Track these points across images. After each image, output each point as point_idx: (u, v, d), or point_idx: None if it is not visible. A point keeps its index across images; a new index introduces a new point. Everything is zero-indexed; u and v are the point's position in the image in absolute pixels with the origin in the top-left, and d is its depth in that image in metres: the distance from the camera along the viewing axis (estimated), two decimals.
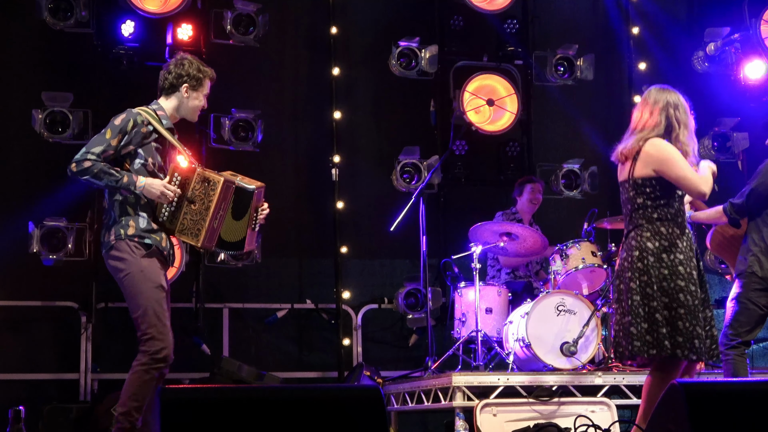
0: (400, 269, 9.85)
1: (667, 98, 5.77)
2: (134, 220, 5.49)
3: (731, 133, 10.47)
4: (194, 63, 5.85)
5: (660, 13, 11.01)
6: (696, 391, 3.53)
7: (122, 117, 5.54)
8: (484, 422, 7.19)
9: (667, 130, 5.70)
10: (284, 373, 9.15)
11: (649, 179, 5.66)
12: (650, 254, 5.58)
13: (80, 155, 5.42)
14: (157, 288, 5.48)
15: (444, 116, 10.05)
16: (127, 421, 5.31)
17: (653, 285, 5.55)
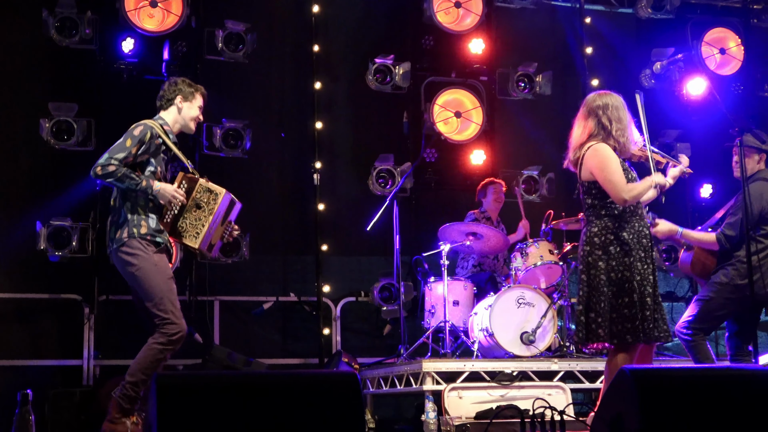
0: (375, 265, 9.84)
1: (596, 102, 5.71)
2: (145, 221, 5.61)
3: (675, 143, 10.51)
4: (186, 81, 6.02)
5: (611, 35, 11.05)
6: (643, 375, 3.53)
7: (140, 129, 5.65)
8: (451, 404, 7.20)
9: (603, 131, 5.64)
10: (270, 360, 9.15)
11: (592, 182, 5.65)
12: (597, 248, 5.56)
13: (104, 160, 5.52)
14: (170, 279, 5.64)
15: (416, 127, 10.05)
16: (132, 390, 5.45)
17: (601, 276, 5.52)
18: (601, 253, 5.56)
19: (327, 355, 9.34)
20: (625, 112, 5.70)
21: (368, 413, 8.47)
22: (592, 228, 5.65)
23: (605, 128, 5.63)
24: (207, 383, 3.34)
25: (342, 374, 3.46)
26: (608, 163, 5.53)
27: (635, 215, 5.63)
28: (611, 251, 5.54)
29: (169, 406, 3.18)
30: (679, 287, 10.72)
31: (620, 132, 5.62)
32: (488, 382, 7.47)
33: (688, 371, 3.74)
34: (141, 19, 9.14)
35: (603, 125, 5.64)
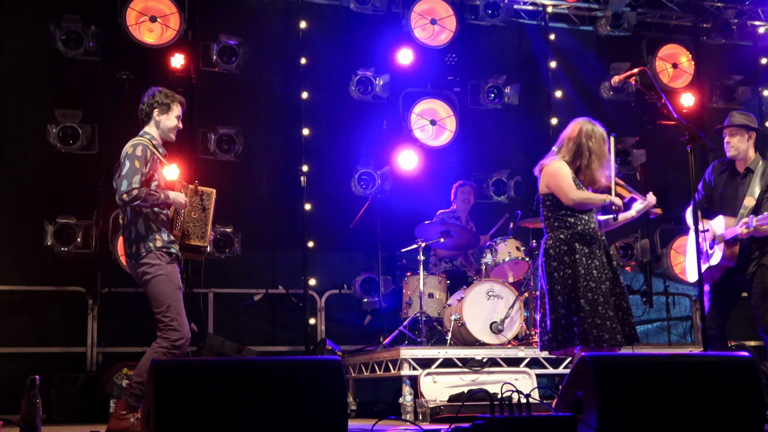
0: (357, 261, 9.84)
1: (586, 128, 5.68)
2: (159, 235, 5.60)
3: (631, 150, 10.56)
4: (162, 92, 5.85)
5: (573, 50, 11.10)
6: (602, 362, 3.55)
7: (141, 148, 5.59)
8: (426, 388, 7.21)
9: (575, 156, 5.63)
10: (260, 347, 9.14)
11: (547, 194, 5.67)
12: (553, 259, 5.56)
13: (126, 187, 5.46)
14: (178, 289, 5.61)
15: (395, 133, 10.06)
16: (139, 390, 5.41)
17: (557, 285, 5.50)
18: (557, 264, 5.54)
19: (312, 343, 9.33)
20: (604, 146, 5.66)
21: (350, 396, 8.47)
22: (548, 240, 5.66)
23: (582, 156, 5.62)
24: (201, 369, 3.33)
25: (326, 360, 3.45)
26: (561, 172, 5.55)
27: (588, 225, 5.61)
28: (566, 261, 5.51)
29: (166, 389, 3.17)
30: (634, 281, 10.78)
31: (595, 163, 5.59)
32: (460, 367, 7.49)
33: (642, 358, 3.76)
34: (141, 33, 9.14)
35: (581, 152, 5.62)
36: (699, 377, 3.66)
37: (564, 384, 3.93)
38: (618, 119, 10.57)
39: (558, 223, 5.62)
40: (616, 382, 3.50)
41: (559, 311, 5.48)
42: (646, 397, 3.53)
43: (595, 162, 5.59)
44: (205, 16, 9.63)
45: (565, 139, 5.72)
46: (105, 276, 8.75)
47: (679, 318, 10.85)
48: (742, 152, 6.51)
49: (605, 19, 10.78)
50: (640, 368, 3.64)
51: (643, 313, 10.78)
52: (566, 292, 5.47)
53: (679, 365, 3.73)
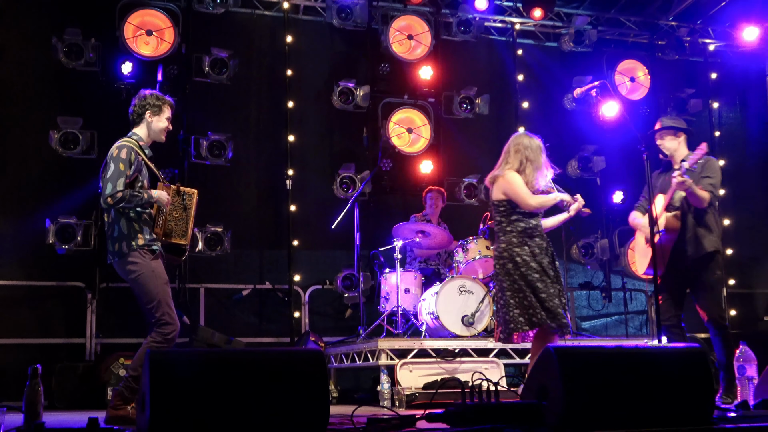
0: (338, 258, 9.83)
1: (523, 142, 5.87)
2: (141, 233, 5.45)
3: (592, 156, 10.62)
4: (154, 95, 5.72)
5: (539, 64, 11.14)
6: (565, 352, 3.56)
7: (125, 151, 5.44)
8: (402, 377, 7.20)
9: (520, 165, 5.80)
10: (248, 339, 9.10)
11: (501, 201, 5.81)
12: (506, 260, 5.72)
13: (111, 191, 5.33)
14: (165, 283, 5.49)
15: (374, 140, 10.07)
16: (134, 382, 5.33)
17: (510, 281, 5.67)
18: (509, 264, 5.70)
19: (297, 335, 9.32)
20: (539, 156, 5.83)
21: (332, 384, 8.46)
22: (500, 243, 5.82)
23: (521, 164, 5.80)
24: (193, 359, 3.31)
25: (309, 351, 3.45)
26: (516, 181, 5.73)
27: (536, 230, 5.77)
28: (517, 261, 5.67)
29: (160, 378, 3.16)
30: (594, 278, 10.83)
31: (530, 170, 5.77)
32: (434, 358, 7.49)
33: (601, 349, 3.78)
34: (138, 46, 9.13)
35: (522, 162, 5.81)
36: (653, 367, 3.69)
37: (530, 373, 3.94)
38: (580, 128, 10.63)
39: (510, 227, 5.79)
40: (577, 371, 3.52)
41: (511, 306, 5.64)
42: (605, 385, 3.55)
43: (530, 169, 5.78)
44: (198, 30, 9.60)
45: (508, 151, 5.91)
46: (103, 272, 8.69)
47: (636, 312, 10.91)
48: (673, 151, 6.54)
49: (568, 36, 10.83)
50: (599, 358, 3.65)
51: (602, 307, 10.84)
52: (514, 289, 5.64)
53: (635, 355, 3.75)
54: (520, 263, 5.65)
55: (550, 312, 5.54)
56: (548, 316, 5.54)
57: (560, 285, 5.74)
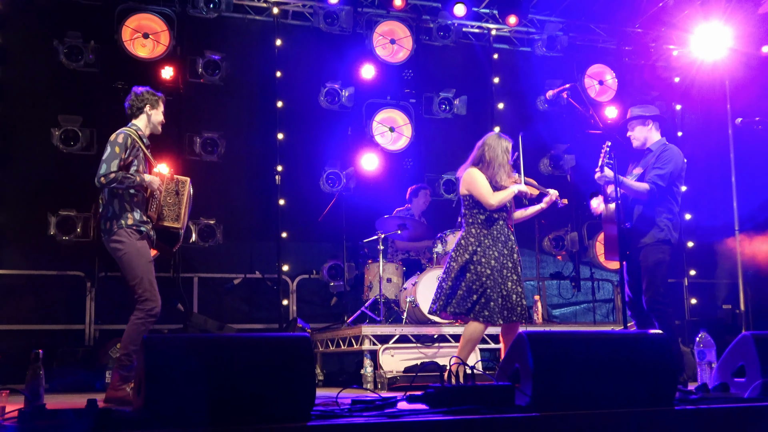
0: (325, 249, 9.82)
1: (489, 142, 5.91)
2: (131, 214, 5.48)
3: (563, 154, 10.65)
4: (150, 90, 5.82)
5: (514, 68, 11.15)
6: (536, 338, 3.57)
7: (122, 136, 5.51)
8: (384, 361, 7.22)
9: (481, 162, 5.86)
10: (238, 325, 9.09)
11: (466, 196, 5.87)
12: (464, 250, 5.77)
13: (105, 170, 5.39)
14: (149, 263, 5.50)
15: (358, 138, 10.06)
16: (126, 360, 5.37)
17: (462, 267, 5.72)
18: (466, 254, 5.74)
19: (285, 321, 9.30)
20: (503, 156, 5.86)
21: (318, 368, 8.46)
22: (463, 233, 5.86)
23: (482, 161, 5.88)
24: (187, 343, 3.30)
25: (297, 337, 3.44)
26: (478, 180, 5.79)
27: (496, 223, 5.80)
28: (477, 251, 5.72)
29: (156, 362, 3.14)
30: (565, 268, 10.87)
31: (492, 167, 5.82)
32: (414, 343, 7.51)
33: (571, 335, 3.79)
34: (135, 48, 9.09)
35: (484, 160, 5.87)
36: (619, 351, 3.70)
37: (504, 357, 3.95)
38: (552, 128, 10.65)
39: (472, 220, 5.84)
40: (547, 355, 3.53)
41: (461, 288, 5.69)
42: (574, 369, 3.56)
43: (494, 168, 5.82)
44: (192, 33, 9.56)
45: (477, 148, 5.97)
46: (102, 262, 8.67)
47: (603, 300, 10.97)
48: (643, 140, 6.42)
49: (541, 42, 10.85)
50: (569, 343, 3.67)
51: (572, 296, 10.88)
52: (467, 275, 5.69)
53: (602, 341, 3.76)
54: (471, 252, 5.70)
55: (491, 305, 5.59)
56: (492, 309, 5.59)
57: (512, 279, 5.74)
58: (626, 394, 3.57)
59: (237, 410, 3.14)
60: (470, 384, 3.69)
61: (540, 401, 3.43)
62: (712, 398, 3.94)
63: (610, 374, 3.60)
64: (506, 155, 5.87)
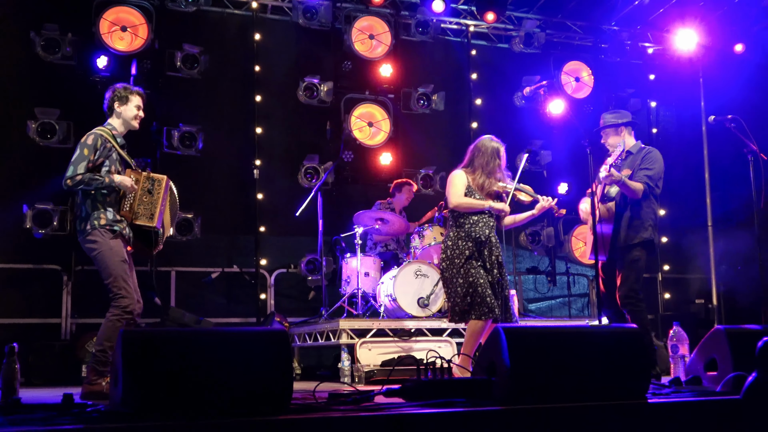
0: (303, 244, 9.81)
1: (479, 145, 5.93)
2: (104, 214, 5.44)
3: (539, 150, 10.69)
4: (122, 86, 5.72)
5: (491, 64, 11.19)
6: (511, 332, 3.59)
7: (92, 137, 5.47)
8: (362, 355, 7.22)
9: (470, 166, 5.91)
10: (216, 319, 9.05)
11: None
12: (449, 250, 5.82)
13: (72, 173, 5.36)
14: (122, 261, 5.45)
15: (336, 133, 10.05)
16: (102, 356, 5.32)
17: (451, 271, 5.76)
18: (451, 255, 5.79)
19: (263, 315, 9.28)
20: (492, 158, 5.86)
21: (295, 362, 8.45)
22: (450, 233, 5.90)
23: (471, 165, 5.91)
24: (164, 337, 3.28)
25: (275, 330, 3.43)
26: (453, 181, 5.86)
27: (475, 226, 5.82)
28: (456, 252, 5.77)
29: (133, 355, 3.13)
30: (541, 263, 10.93)
31: (480, 172, 5.85)
32: (392, 337, 7.51)
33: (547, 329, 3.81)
34: (113, 41, 9.01)
35: (473, 164, 5.91)
36: (594, 345, 3.73)
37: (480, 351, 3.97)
38: (528, 124, 10.69)
39: (452, 222, 5.91)
40: (523, 349, 3.55)
41: (455, 292, 5.74)
42: (549, 362, 3.58)
43: (480, 172, 5.86)
44: (171, 27, 9.49)
45: (469, 153, 6.00)
46: (78, 255, 8.58)
47: (578, 295, 11.04)
48: (616, 147, 6.33)
49: (519, 38, 10.88)
50: (544, 337, 3.68)
51: (547, 290, 10.94)
52: (457, 278, 5.73)
53: (577, 335, 3.79)
54: (455, 255, 5.76)
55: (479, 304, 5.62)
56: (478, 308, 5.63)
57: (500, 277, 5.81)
58: (600, 388, 3.60)
59: (214, 404, 3.13)
60: (447, 378, 3.70)
61: (516, 394, 3.44)
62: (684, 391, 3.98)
63: (585, 368, 3.62)
64: (496, 159, 5.87)
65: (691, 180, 11.65)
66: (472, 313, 5.66)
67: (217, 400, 3.15)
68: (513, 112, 10.91)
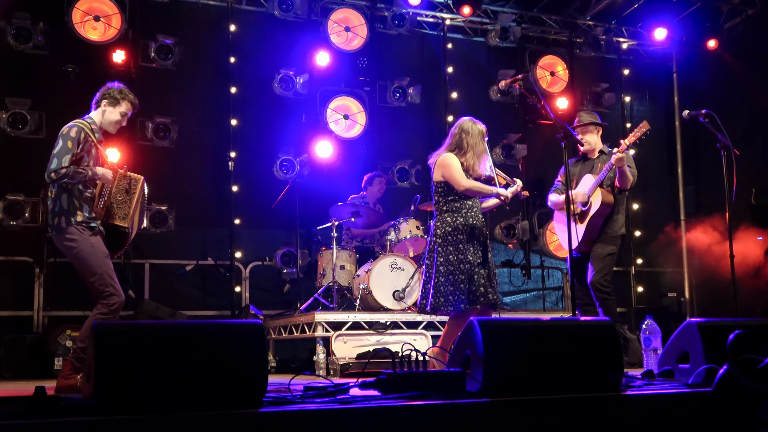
0: (278, 236, 9.78)
1: (465, 127, 5.77)
2: (80, 210, 5.38)
3: (515, 144, 10.73)
4: (120, 88, 5.65)
5: (467, 58, 11.21)
6: (486, 325, 3.60)
7: (75, 130, 5.38)
8: (337, 347, 7.22)
9: (459, 149, 5.72)
10: (191, 312, 9.02)
11: (440, 182, 5.74)
12: (439, 237, 5.64)
13: (56, 166, 5.28)
14: (106, 257, 5.39)
15: (312, 125, 10.02)
16: (82, 353, 5.26)
17: (440, 258, 5.59)
18: (442, 242, 5.62)
19: (238, 308, 9.25)
20: (481, 141, 5.75)
21: (271, 355, 8.43)
22: (436, 221, 5.73)
23: (461, 148, 5.72)
24: (138, 330, 3.25)
25: (250, 323, 3.42)
26: (453, 164, 5.64)
27: (471, 211, 5.70)
28: (449, 239, 5.60)
29: (106, 350, 3.10)
30: (515, 256, 10.98)
31: (471, 154, 5.70)
32: (367, 330, 7.52)
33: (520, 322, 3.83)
34: (86, 31, 8.91)
35: (461, 146, 5.72)
36: (567, 338, 3.75)
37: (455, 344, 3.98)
38: (504, 118, 10.73)
39: (446, 207, 5.71)
40: (498, 342, 3.56)
41: (439, 280, 5.57)
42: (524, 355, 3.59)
43: (471, 154, 5.69)
44: (145, 17, 9.41)
45: (452, 135, 5.83)
46: (50, 248, 8.48)
47: (553, 288, 11.10)
48: (593, 144, 6.86)
49: (495, 32, 10.89)
50: (518, 330, 3.70)
51: (522, 283, 11.00)
52: (446, 265, 5.56)
53: (551, 328, 3.80)
54: (449, 242, 5.58)
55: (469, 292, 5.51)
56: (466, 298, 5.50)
57: (487, 267, 5.67)
58: (575, 380, 3.62)
59: (188, 397, 3.11)
60: (422, 370, 3.70)
61: (490, 387, 3.46)
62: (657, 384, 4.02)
63: (559, 360, 3.64)
64: (483, 141, 5.75)
65: (663, 174, 11.76)
66: (469, 303, 5.50)
67: (191, 393, 3.13)
68: (488, 106, 10.94)
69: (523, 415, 3.34)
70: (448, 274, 5.55)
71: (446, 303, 5.54)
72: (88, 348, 3.38)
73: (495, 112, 10.84)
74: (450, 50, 11.01)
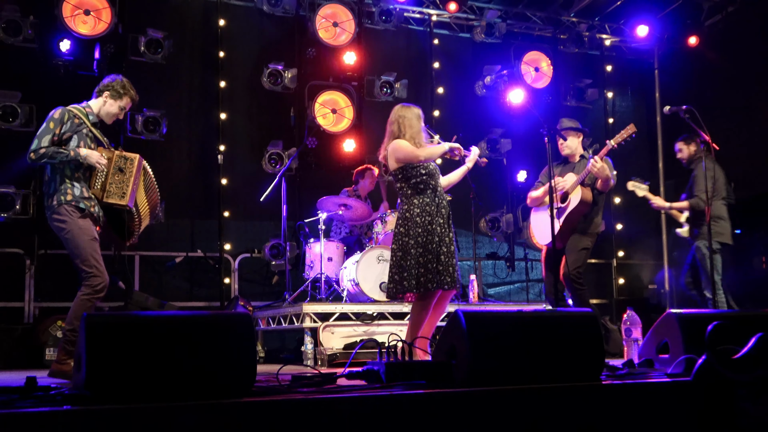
0: (266, 228, 9.77)
1: (398, 113, 5.82)
2: (71, 189, 5.35)
3: (500, 139, 10.75)
4: (123, 82, 5.67)
5: (453, 53, 11.21)
6: (471, 316, 3.61)
7: (59, 111, 5.40)
8: (325, 338, 7.22)
9: (401, 133, 5.74)
10: (180, 303, 9.00)
11: (398, 169, 5.73)
12: (407, 221, 5.61)
13: (36, 146, 5.28)
14: (93, 240, 5.37)
15: (300, 119, 10.01)
16: (72, 335, 5.27)
17: (410, 241, 5.55)
18: (409, 224, 5.59)
19: (227, 299, 9.24)
20: (417, 121, 5.77)
21: (259, 345, 8.43)
22: (402, 206, 5.71)
23: (401, 131, 5.74)
24: (128, 321, 3.25)
25: (238, 315, 3.41)
26: (402, 145, 5.66)
27: (435, 192, 5.68)
28: (417, 221, 5.58)
29: (96, 340, 3.09)
30: (500, 249, 11.01)
31: (411, 134, 5.72)
32: (354, 320, 7.53)
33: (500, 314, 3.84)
34: (76, 24, 8.84)
35: (401, 129, 5.74)
36: (550, 329, 3.77)
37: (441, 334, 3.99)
38: (489, 113, 10.74)
39: (411, 191, 5.68)
40: (482, 332, 3.57)
41: (408, 262, 5.52)
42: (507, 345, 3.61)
43: (410, 132, 5.71)
44: (134, 11, 9.36)
45: (390, 124, 5.84)
46: (41, 239, 8.47)
47: (536, 280, 11.14)
48: (574, 149, 6.94)
49: (480, 28, 10.90)
50: (502, 321, 3.71)
51: (506, 275, 11.03)
52: (414, 247, 5.52)
53: (534, 319, 3.82)
54: (417, 224, 5.56)
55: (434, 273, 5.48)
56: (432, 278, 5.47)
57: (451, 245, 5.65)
58: (557, 370, 3.64)
59: (178, 387, 3.11)
60: (408, 360, 3.71)
61: (475, 376, 3.47)
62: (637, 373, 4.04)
63: (542, 351, 3.66)
64: (419, 121, 5.78)
65: (645, 168, 11.81)
66: (434, 282, 5.47)
67: (180, 383, 3.13)
68: (474, 101, 10.95)
69: (507, 404, 3.36)
70: (417, 255, 5.53)
71: (413, 285, 5.49)
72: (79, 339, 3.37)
73: (480, 107, 10.85)
74: (436, 46, 11.01)
